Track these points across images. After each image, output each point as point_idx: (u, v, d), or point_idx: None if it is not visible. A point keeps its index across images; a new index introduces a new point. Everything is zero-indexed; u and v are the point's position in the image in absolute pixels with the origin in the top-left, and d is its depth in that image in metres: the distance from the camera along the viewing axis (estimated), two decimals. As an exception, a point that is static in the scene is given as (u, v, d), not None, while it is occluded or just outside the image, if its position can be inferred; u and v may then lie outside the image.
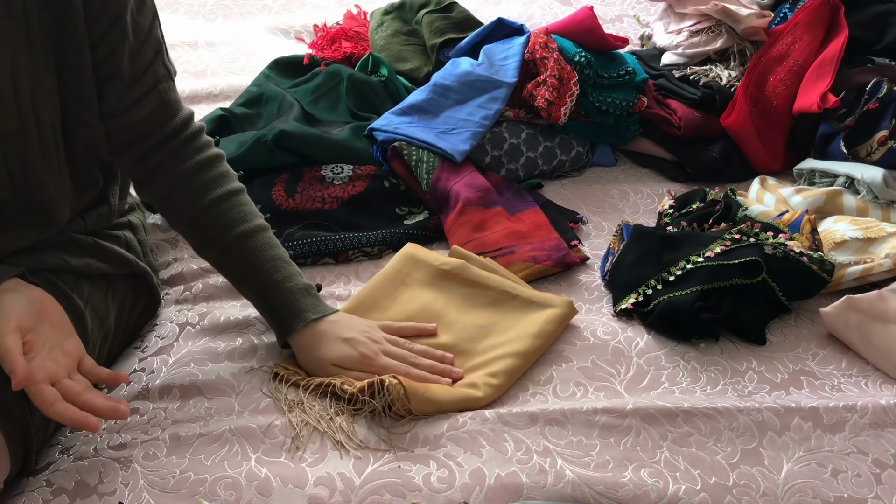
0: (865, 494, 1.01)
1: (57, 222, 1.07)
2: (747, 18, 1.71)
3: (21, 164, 1.01)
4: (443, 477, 1.00)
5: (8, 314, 0.93)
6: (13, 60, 0.96)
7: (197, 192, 1.11)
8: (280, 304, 1.11)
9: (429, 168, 1.44)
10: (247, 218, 1.12)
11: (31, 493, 0.97)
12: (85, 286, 1.10)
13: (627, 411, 1.08)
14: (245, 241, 1.11)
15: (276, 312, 1.12)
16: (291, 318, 1.11)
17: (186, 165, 1.11)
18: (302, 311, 1.11)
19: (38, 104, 0.99)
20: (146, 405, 1.09)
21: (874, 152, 1.47)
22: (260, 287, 1.12)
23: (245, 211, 1.13)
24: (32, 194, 1.03)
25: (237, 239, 1.11)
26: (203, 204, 1.11)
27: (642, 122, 1.62)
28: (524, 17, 2.04)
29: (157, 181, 1.12)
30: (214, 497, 0.97)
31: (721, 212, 1.35)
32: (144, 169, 1.12)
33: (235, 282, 1.15)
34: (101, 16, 1.01)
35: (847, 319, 1.20)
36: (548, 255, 1.32)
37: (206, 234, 1.13)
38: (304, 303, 1.11)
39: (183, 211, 1.13)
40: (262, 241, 1.12)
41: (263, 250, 1.12)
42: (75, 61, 1.01)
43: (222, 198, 1.12)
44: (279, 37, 2.03)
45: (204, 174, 1.12)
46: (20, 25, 0.96)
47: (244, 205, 1.14)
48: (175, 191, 1.12)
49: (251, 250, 1.11)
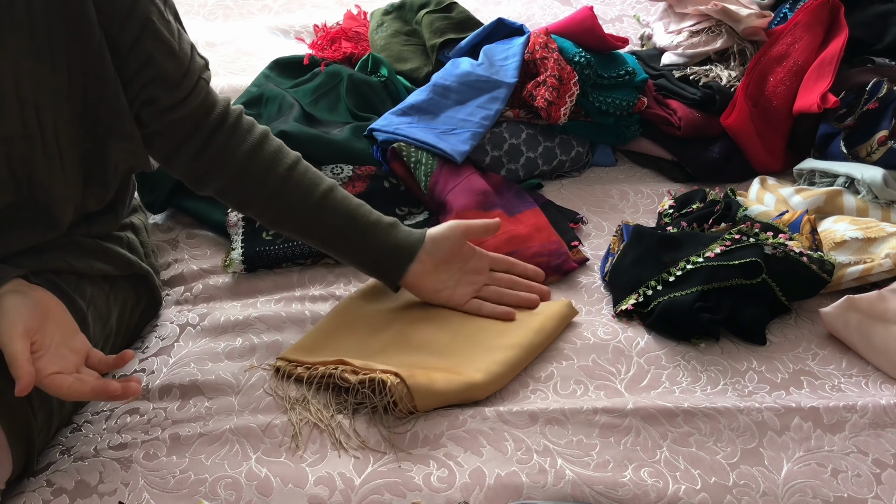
0: (865, 494, 1.01)
1: (60, 226, 1.07)
2: (747, 18, 1.71)
3: (25, 168, 1.01)
4: (443, 476, 1.00)
5: (14, 318, 0.93)
6: (16, 64, 0.96)
7: (269, 167, 1.15)
8: (389, 241, 1.17)
9: (427, 170, 1.44)
10: (321, 177, 1.18)
11: (32, 493, 0.97)
12: (87, 287, 1.10)
13: (627, 411, 1.08)
14: (331, 195, 1.16)
15: (385, 251, 1.17)
16: (400, 257, 1.18)
17: (247, 146, 1.14)
18: (402, 246, 1.18)
19: (42, 108, 0.99)
20: (146, 405, 1.09)
21: (874, 152, 1.47)
22: (364, 231, 1.16)
23: (317, 172, 1.18)
24: (37, 198, 1.03)
25: (324, 196, 1.15)
26: (279, 175, 1.15)
27: (642, 122, 1.62)
28: (524, 17, 2.04)
29: (221, 171, 1.14)
30: (214, 497, 0.97)
31: (721, 212, 1.35)
32: (205, 162, 1.13)
33: (331, 239, 1.18)
34: (128, 23, 1.00)
35: (847, 319, 1.20)
36: (546, 263, 1.32)
37: (293, 203, 1.15)
38: (402, 238, 1.18)
39: (259, 190, 1.15)
40: (342, 193, 1.18)
41: (349, 199, 1.17)
42: (96, 66, 1.00)
43: (294, 165, 1.16)
44: (279, 37, 2.02)
45: (266, 148, 1.16)
46: (24, 30, 0.96)
47: (312, 168, 1.18)
48: (245, 173, 1.14)
49: (341, 201, 1.16)
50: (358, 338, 1.17)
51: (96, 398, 0.96)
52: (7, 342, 0.91)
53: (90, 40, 0.99)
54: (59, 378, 0.93)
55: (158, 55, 1.03)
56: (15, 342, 0.91)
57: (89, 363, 0.98)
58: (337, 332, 1.18)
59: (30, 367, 0.90)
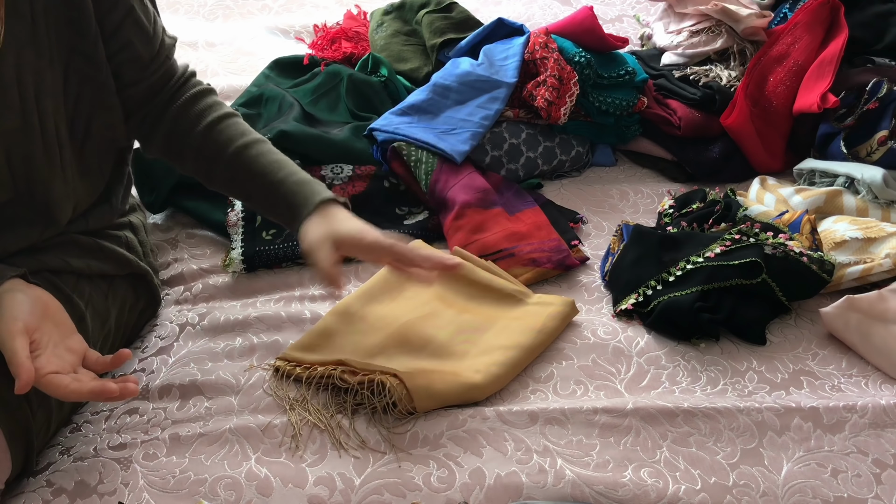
0: (865, 494, 1.01)
1: (58, 222, 1.07)
2: (747, 18, 1.71)
3: (24, 164, 1.01)
4: (443, 477, 1.00)
5: (14, 315, 0.93)
6: (18, 57, 0.96)
7: (192, 124, 1.14)
8: (290, 194, 1.11)
9: (427, 169, 1.44)
10: (243, 133, 1.15)
11: (32, 494, 0.97)
12: (85, 287, 1.10)
13: (627, 411, 1.08)
14: (244, 152, 1.13)
15: (290, 199, 1.12)
16: (311, 196, 1.10)
17: (179, 103, 1.15)
18: (315, 193, 1.11)
19: (42, 102, 0.99)
20: (146, 405, 1.09)
21: (874, 152, 1.47)
22: (268, 188, 1.12)
23: (240, 128, 1.16)
24: (35, 194, 1.03)
25: (236, 153, 1.13)
26: (200, 132, 1.13)
27: (642, 122, 1.62)
28: (524, 17, 2.04)
29: (158, 129, 1.15)
30: (214, 497, 0.97)
31: (721, 212, 1.35)
32: (147, 123, 1.14)
33: (247, 195, 1.16)
34: (112, 12, 1.04)
35: (847, 319, 1.20)
36: (548, 258, 1.32)
37: (210, 162, 1.14)
38: (316, 188, 1.12)
39: (186, 147, 1.15)
40: (261, 149, 1.14)
41: (264, 155, 1.13)
42: (92, 55, 1.03)
43: (216, 121, 1.14)
44: (279, 37, 2.03)
45: (195, 105, 1.15)
46: (26, 24, 0.97)
47: (238, 124, 1.16)
48: (175, 131, 1.14)
49: (253, 158, 1.13)
50: (357, 338, 1.17)
51: (94, 399, 0.96)
52: (6, 339, 0.91)
53: (88, 31, 1.01)
54: (56, 378, 0.92)
55: (136, 40, 1.07)
56: (15, 339, 0.91)
57: (86, 363, 0.97)
58: (336, 332, 1.18)
59: (30, 365, 0.90)
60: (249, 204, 1.18)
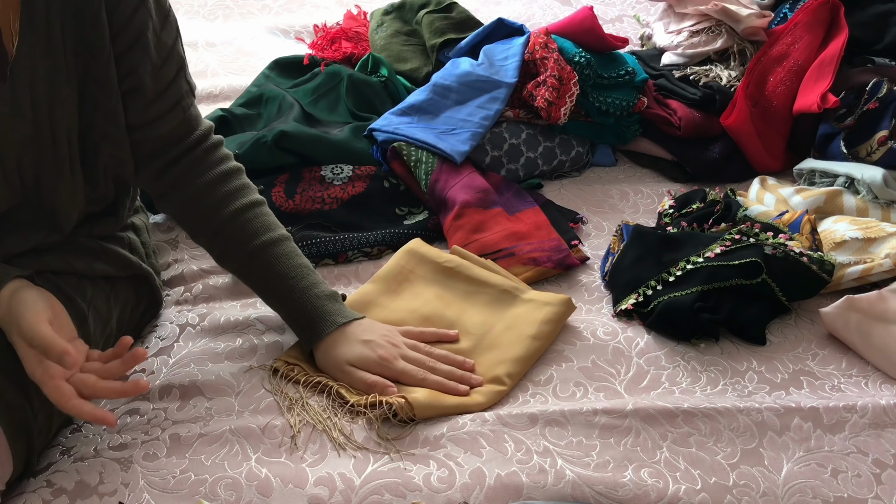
0: (865, 494, 1.01)
1: (63, 229, 1.07)
2: (747, 18, 1.71)
3: (33, 172, 1.01)
4: (443, 477, 1.00)
5: (38, 307, 0.94)
6: (32, 68, 0.97)
7: (220, 204, 1.12)
8: (308, 309, 1.11)
9: (427, 169, 1.44)
10: (271, 227, 1.14)
11: (32, 494, 0.97)
12: (88, 288, 1.10)
13: (627, 412, 1.08)
14: (270, 249, 1.12)
15: (303, 318, 1.12)
16: (320, 321, 1.11)
17: (207, 177, 1.12)
18: (330, 314, 1.11)
19: (55, 114, 0.99)
20: (146, 405, 1.09)
21: (874, 152, 1.47)
22: (287, 294, 1.12)
23: (268, 221, 1.14)
24: (42, 202, 1.04)
25: (262, 248, 1.12)
26: (226, 215, 1.12)
27: (642, 122, 1.62)
28: (524, 17, 2.04)
29: (177, 194, 1.13)
30: (214, 497, 0.97)
31: (721, 212, 1.35)
32: (165, 182, 1.13)
33: (261, 290, 1.16)
34: (124, 33, 1.01)
35: (847, 319, 1.20)
36: (548, 257, 1.32)
37: (230, 245, 1.13)
38: (330, 307, 1.12)
39: (206, 223, 1.13)
40: (286, 249, 1.13)
41: (289, 258, 1.13)
42: (101, 76, 1.01)
43: (245, 208, 1.13)
44: (279, 37, 2.03)
45: (225, 185, 1.13)
46: (41, 36, 0.96)
47: (267, 215, 1.15)
48: (197, 202, 1.13)
49: (277, 258, 1.12)
50: None
51: (92, 421, 0.97)
52: (36, 327, 0.92)
53: (102, 51, 1.00)
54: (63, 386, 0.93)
55: (142, 69, 1.04)
56: (44, 327, 0.92)
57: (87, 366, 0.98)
58: None
59: (68, 345, 0.91)
60: (259, 295, 1.17)
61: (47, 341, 0.91)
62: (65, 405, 0.93)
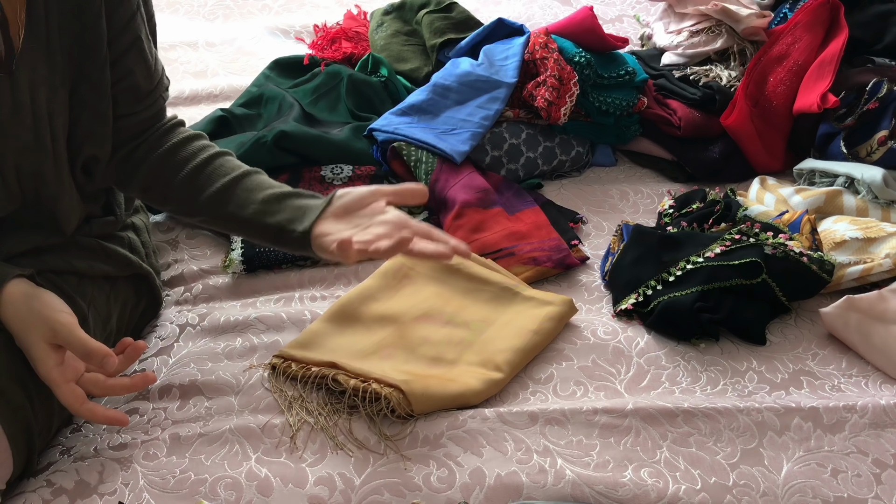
0: (865, 494, 1.01)
1: (64, 232, 1.08)
2: (747, 18, 1.71)
3: (33, 180, 1.02)
4: (443, 477, 1.00)
5: (66, 308, 0.95)
6: (32, 74, 0.97)
7: (186, 159, 1.10)
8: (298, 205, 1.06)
9: (427, 169, 1.44)
10: (237, 166, 1.10)
11: (32, 494, 0.97)
12: (88, 288, 1.10)
13: (627, 411, 1.08)
14: (244, 179, 1.08)
15: (300, 208, 1.06)
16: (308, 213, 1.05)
17: (168, 145, 1.11)
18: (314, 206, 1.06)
19: (54, 120, 1.00)
20: (146, 405, 1.09)
21: (874, 152, 1.47)
22: (271, 198, 1.07)
23: (236, 163, 1.11)
24: (42, 208, 1.04)
25: (235, 179, 1.08)
26: (196, 164, 1.09)
27: (642, 122, 1.62)
28: (524, 17, 2.03)
29: (140, 169, 1.11)
30: (214, 497, 0.97)
31: (721, 212, 1.35)
32: (129, 165, 1.11)
33: (236, 224, 1.09)
34: (120, 38, 1.03)
35: (847, 319, 1.20)
36: (548, 257, 1.32)
37: (202, 188, 1.09)
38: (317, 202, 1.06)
39: (172, 183, 1.10)
40: (261, 178, 1.09)
41: (267, 182, 1.09)
42: (96, 78, 1.02)
43: (213, 157, 1.10)
44: (279, 37, 2.02)
45: (187, 147, 1.11)
46: (41, 41, 0.97)
47: (233, 160, 1.12)
48: (162, 167, 1.10)
49: (253, 183, 1.08)
50: (353, 338, 1.17)
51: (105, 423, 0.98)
52: (76, 332, 0.93)
53: (98, 56, 1.01)
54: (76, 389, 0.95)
55: (137, 71, 1.06)
56: (81, 331, 0.93)
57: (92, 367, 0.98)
58: (332, 331, 1.17)
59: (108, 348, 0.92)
60: (235, 231, 1.13)
61: (90, 345, 0.92)
62: (79, 408, 0.94)
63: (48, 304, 0.95)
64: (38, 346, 0.93)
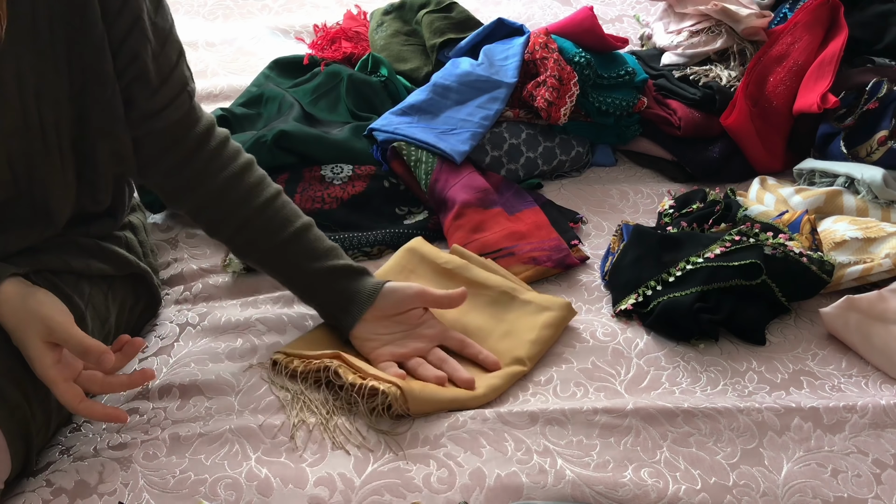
0: (865, 494, 1.01)
1: (57, 224, 1.07)
2: (747, 18, 1.71)
3: (24, 162, 1.01)
4: (443, 477, 1.00)
5: (63, 308, 0.95)
6: (18, 59, 0.96)
7: (246, 197, 1.13)
8: (344, 291, 1.13)
9: (427, 168, 1.44)
10: (295, 215, 1.15)
11: (31, 493, 0.97)
12: (85, 287, 1.10)
13: (627, 411, 1.08)
14: (301, 236, 1.13)
15: (344, 294, 1.13)
16: (362, 303, 1.12)
17: (228, 171, 1.13)
18: (359, 293, 1.12)
19: (43, 103, 0.99)
20: (146, 405, 1.09)
21: (874, 152, 1.47)
22: (320, 272, 1.13)
23: (293, 210, 1.15)
24: (35, 193, 1.03)
25: (292, 236, 1.13)
26: (254, 207, 1.12)
27: (642, 122, 1.62)
28: (524, 17, 2.04)
29: (196, 191, 1.13)
30: (214, 497, 0.97)
31: (721, 212, 1.35)
32: (178, 180, 1.12)
33: (287, 278, 1.16)
34: (120, 19, 1.00)
35: (847, 319, 1.20)
36: (548, 256, 1.32)
37: (259, 237, 1.13)
38: (358, 286, 1.13)
39: (230, 217, 1.13)
40: (314, 235, 1.14)
41: (322, 240, 1.14)
42: (96, 66, 1.00)
43: (269, 201, 1.13)
44: (279, 37, 2.03)
45: (247, 178, 1.13)
46: (27, 26, 0.95)
47: (290, 204, 1.16)
48: (220, 198, 1.12)
49: (311, 241, 1.13)
50: None
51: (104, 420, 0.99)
52: (72, 330, 0.93)
53: (92, 39, 0.99)
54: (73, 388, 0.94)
55: (143, 54, 1.03)
56: (77, 329, 0.94)
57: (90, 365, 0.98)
58: (333, 334, 1.17)
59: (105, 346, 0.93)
60: (284, 284, 1.18)
61: (86, 343, 0.92)
62: (76, 406, 0.94)
63: (44, 302, 0.95)
64: (34, 345, 0.93)
